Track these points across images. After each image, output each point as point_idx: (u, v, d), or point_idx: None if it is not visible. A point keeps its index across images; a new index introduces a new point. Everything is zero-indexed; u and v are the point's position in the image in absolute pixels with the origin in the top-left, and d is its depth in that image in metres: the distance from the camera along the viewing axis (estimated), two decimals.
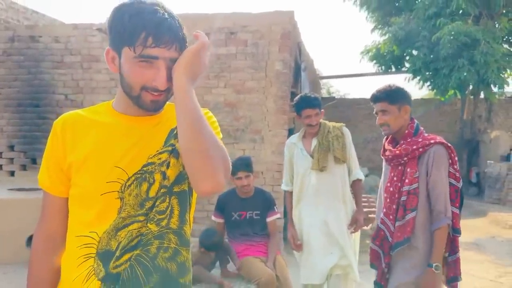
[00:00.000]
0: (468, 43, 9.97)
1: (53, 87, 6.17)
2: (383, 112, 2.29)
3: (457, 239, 2.23)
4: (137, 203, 1.11)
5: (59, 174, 1.15)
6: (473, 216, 9.02)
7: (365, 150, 14.73)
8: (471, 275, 5.00)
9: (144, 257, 1.11)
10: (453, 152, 2.23)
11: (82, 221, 1.12)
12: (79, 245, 1.11)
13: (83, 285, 1.10)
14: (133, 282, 1.10)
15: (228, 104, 5.74)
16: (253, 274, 3.02)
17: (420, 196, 2.19)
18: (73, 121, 1.16)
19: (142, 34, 1.03)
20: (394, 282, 2.25)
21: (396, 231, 2.21)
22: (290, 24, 5.64)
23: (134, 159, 1.11)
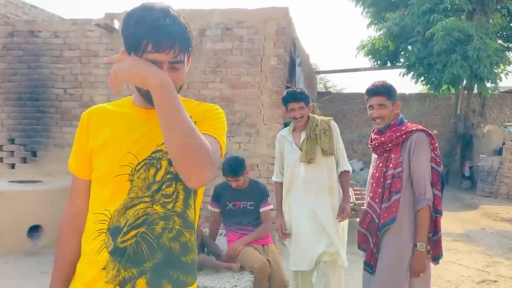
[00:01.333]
0: (461, 38, 10.08)
1: (52, 82, 6.26)
2: (380, 106, 2.44)
3: (439, 220, 2.39)
4: (145, 186, 1.25)
5: (84, 158, 1.32)
6: (465, 209, 9.19)
7: (360, 144, 14.90)
8: (459, 265, 5.17)
9: (149, 235, 1.24)
10: (433, 138, 2.40)
11: (99, 200, 1.28)
12: (95, 221, 1.27)
13: (95, 256, 1.24)
14: (138, 257, 1.24)
15: (224, 98, 5.85)
16: (247, 262, 3.14)
17: (404, 179, 2.35)
18: (97, 112, 1.34)
19: (143, 42, 1.15)
20: (385, 258, 2.40)
21: (382, 212, 2.39)
22: (285, 20, 5.74)
23: (144, 146, 1.26)
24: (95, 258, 1.24)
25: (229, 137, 5.84)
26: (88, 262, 1.26)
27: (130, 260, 1.23)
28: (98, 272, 1.23)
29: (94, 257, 1.24)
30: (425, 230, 2.30)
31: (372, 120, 2.51)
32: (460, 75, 10.44)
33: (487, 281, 4.58)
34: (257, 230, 3.35)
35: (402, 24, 11.41)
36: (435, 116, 14.90)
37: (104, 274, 1.22)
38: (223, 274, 3.11)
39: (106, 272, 1.23)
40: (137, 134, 1.27)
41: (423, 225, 2.30)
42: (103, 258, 1.23)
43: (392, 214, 2.34)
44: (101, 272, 1.23)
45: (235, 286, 2.90)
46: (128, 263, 1.23)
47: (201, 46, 5.71)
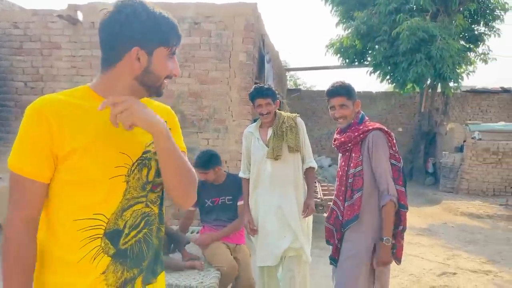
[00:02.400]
0: (425, 38, 10.35)
1: (11, 74, 6.02)
2: (341, 106, 2.49)
3: (403, 213, 2.43)
4: (139, 186, 1.26)
5: (49, 160, 1.16)
6: (428, 204, 9.48)
7: (329, 141, 15.08)
8: (421, 258, 5.32)
9: (149, 235, 1.30)
10: (390, 136, 2.46)
11: (83, 205, 1.18)
12: (80, 228, 1.18)
13: (90, 264, 1.19)
14: (139, 256, 1.27)
15: (192, 94, 5.79)
16: (216, 261, 3.11)
17: (365, 177, 2.42)
18: (64, 106, 1.17)
19: (174, 37, 1.25)
20: (343, 253, 2.49)
21: (346, 210, 2.46)
22: (254, 16, 5.72)
23: (135, 146, 1.25)
24: (90, 265, 1.19)
25: (197, 133, 5.79)
26: (79, 269, 1.19)
27: (132, 260, 1.26)
28: (96, 277, 1.20)
29: (88, 265, 1.19)
30: (390, 224, 2.35)
31: (334, 120, 2.56)
32: (424, 74, 10.74)
33: (447, 273, 4.74)
34: (228, 226, 3.31)
35: (369, 23, 11.62)
36: (400, 114, 15.29)
37: (104, 277, 1.21)
38: (188, 271, 3.07)
39: (106, 276, 1.21)
40: (124, 133, 1.23)
41: (388, 220, 2.35)
42: (103, 262, 1.21)
43: (355, 212, 2.41)
44: (100, 276, 1.20)
45: (201, 283, 2.86)
46: (131, 264, 1.26)
47: None
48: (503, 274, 4.76)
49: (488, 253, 5.61)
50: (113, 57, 1.22)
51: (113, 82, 1.24)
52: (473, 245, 6.09)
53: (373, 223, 2.41)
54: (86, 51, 5.83)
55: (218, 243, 3.23)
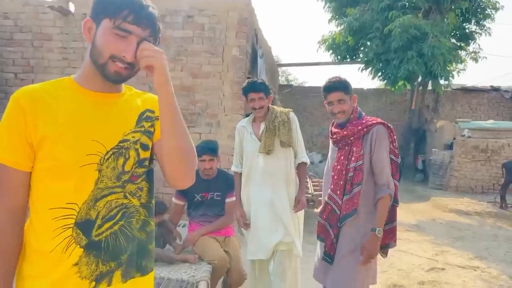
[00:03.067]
0: (417, 36, 10.43)
1: (2, 65, 5.92)
2: (339, 101, 2.48)
3: (395, 209, 2.48)
4: (114, 176, 1.22)
5: (26, 148, 1.15)
6: (418, 201, 9.58)
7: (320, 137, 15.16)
8: (410, 254, 5.38)
9: (127, 228, 1.25)
10: (392, 131, 2.47)
11: (56, 194, 1.16)
12: (54, 217, 1.16)
13: (62, 254, 1.16)
14: (116, 249, 1.23)
15: (184, 87, 5.76)
16: (207, 255, 3.11)
17: (364, 171, 2.41)
18: (39, 95, 1.17)
19: (125, 11, 1.16)
20: (342, 249, 2.46)
21: (344, 204, 2.43)
22: (247, 10, 5.70)
23: (110, 134, 1.21)
24: (62, 255, 1.16)
25: (189, 127, 5.70)
26: (51, 260, 1.16)
27: (108, 253, 1.22)
28: (68, 268, 1.17)
29: (60, 255, 1.16)
30: (384, 217, 2.37)
31: (333, 115, 2.54)
32: (415, 72, 10.83)
33: (436, 268, 4.80)
34: (216, 222, 3.32)
35: (362, 20, 11.67)
36: (391, 111, 15.40)
37: (76, 269, 1.18)
38: (180, 265, 3.08)
39: (79, 268, 1.18)
40: (99, 121, 1.21)
41: (384, 212, 2.36)
42: (75, 253, 1.17)
43: (354, 206, 2.39)
44: (73, 268, 1.17)
45: (193, 277, 2.87)
46: (107, 257, 1.22)
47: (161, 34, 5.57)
48: (491, 269, 4.84)
49: (476, 249, 5.70)
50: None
51: (85, 67, 1.24)
52: (461, 241, 6.18)
53: (370, 217, 2.41)
54: (78, 43, 5.78)
55: (206, 238, 3.23)
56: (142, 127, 1.29)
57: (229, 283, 3.26)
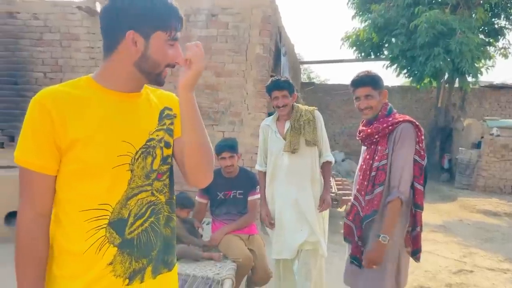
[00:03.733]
0: (444, 32, 10.18)
1: (31, 65, 6.09)
2: (367, 96, 2.36)
3: (419, 214, 2.33)
4: (144, 175, 1.24)
5: (53, 151, 1.15)
6: (443, 201, 9.37)
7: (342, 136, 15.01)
8: (436, 255, 5.27)
9: (156, 224, 1.28)
10: (420, 130, 2.32)
11: (88, 195, 1.17)
12: (87, 219, 1.17)
13: (96, 254, 1.18)
14: (147, 246, 1.26)
15: (208, 86, 5.80)
16: (231, 253, 3.12)
17: (388, 172, 2.28)
18: (64, 97, 1.16)
19: (173, 21, 1.21)
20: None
21: (365, 204, 2.33)
22: (271, 8, 5.69)
23: (138, 134, 1.23)
24: (95, 256, 1.18)
25: (212, 125, 5.80)
26: (85, 260, 1.18)
27: (140, 250, 1.24)
28: (103, 268, 1.19)
29: (94, 256, 1.18)
30: (391, 223, 2.21)
31: (360, 111, 2.44)
32: (442, 69, 10.58)
33: (464, 271, 4.69)
34: (239, 220, 3.33)
35: (386, 16, 11.47)
36: (416, 109, 15.10)
37: (111, 268, 1.20)
38: (205, 262, 3.10)
39: (113, 267, 1.20)
40: (126, 121, 1.22)
41: (391, 217, 2.21)
42: (109, 253, 1.20)
43: (374, 207, 2.28)
44: (107, 267, 1.19)
45: (217, 274, 2.89)
46: (139, 254, 1.24)
47: (185, 33, 5.61)
48: None
49: (506, 251, 5.54)
50: (112, 43, 1.21)
51: (114, 69, 1.23)
52: (490, 242, 6.02)
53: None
54: None
55: (230, 236, 3.24)
56: (164, 125, 1.31)
57: (255, 281, 3.27)
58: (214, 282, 2.80)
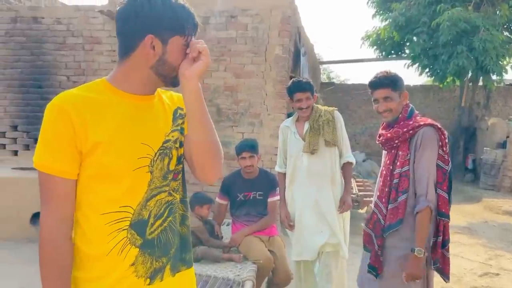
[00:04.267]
0: (467, 29, 9.97)
1: (55, 69, 6.23)
2: (385, 98, 2.26)
3: (442, 223, 2.22)
4: (161, 176, 1.26)
5: (75, 156, 1.14)
6: (468, 202, 9.17)
7: (363, 136, 14.85)
8: (461, 257, 5.16)
9: (173, 223, 1.30)
10: (443, 134, 2.21)
11: (108, 199, 1.18)
12: (107, 222, 1.18)
13: (118, 256, 1.19)
14: (166, 245, 1.28)
15: (228, 87, 5.82)
16: (251, 254, 3.12)
17: (411, 178, 2.18)
18: (82, 101, 1.15)
19: (190, 26, 1.21)
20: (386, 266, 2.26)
21: (389, 213, 2.22)
22: (290, 8, 5.67)
23: (155, 136, 1.24)
24: (118, 257, 1.19)
25: (232, 126, 5.82)
26: (107, 263, 1.19)
27: (160, 249, 1.26)
28: (126, 269, 1.20)
29: (116, 257, 1.19)
30: (423, 234, 2.12)
31: (379, 114, 2.33)
32: (465, 67, 10.36)
33: (490, 274, 4.58)
34: (259, 221, 3.33)
35: (408, 15, 11.31)
36: (439, 109, 14.82)
37: (133, 269, 1.21)
38: (225, 263, 3.11)
39: (135, 268, 1.21)
40: (144, 124, 1.23)
41: (422, 228, 2.11)
42: (131, 254, 1.21)
43: (399, 216, 2.17)
44: (130, 268, 1.21)
45: (238, 275, 2.89)
46: (159, 253, 1.26)
47: (204, 34, 5.65)
48: None
49: None
50: (128, 47, 1.20)
51: (130, 72, 1.22)
52: None
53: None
54: None
55: (251, 237, 3.24)
56: (178, 125, 1.32)
57: (275, 283, 3.27)
58: (235, 284, 2.80)
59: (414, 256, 2.11)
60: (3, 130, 6.43)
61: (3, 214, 4.80)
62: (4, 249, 4.58)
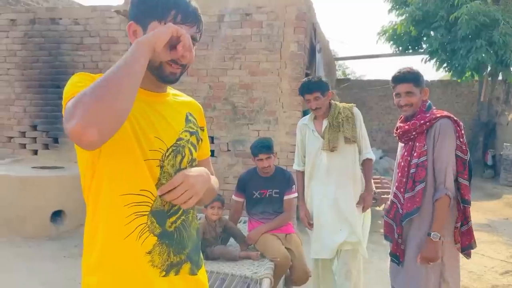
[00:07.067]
0: (487, 23, 9.75)
1: (73, 69, 6.31)
2: (408, 93, 2.36)
3: (468, 209, 2.31)
4: (173, 173, 1.23)
5: None
6: (488, 198, 9.00)
7: (380, 132, 14.68)
8: (481, 255, 5.06)
9: (187, 223, 1.29)
10: (459, 125, 2.29)
11: (129, 179, 1.15)
12: (127, 204, 1.15)
13: (136, 241, 1.16)
14: (182, 242, 1.27)
15: (243, 85, 5.81)
16: (268, 252, 3.12)
17: (428, 169, 2.28)
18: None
19: (172, 11, 1.14)
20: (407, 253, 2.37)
21: (406, 202, 2.32)
22: (306, 4, 5.63)
23: (169, 132, 1.23)
24: (135, 242, 1.16)
25: (247, 124, 5.82)
26: (124, 249, 1.16)
27: (178, 245, 1.25)
28: (142, 256, 1.17)
29: (134, 242, 1.16)
30: (441, 220, 2.23)
31: (399, 107, 2.44)
32: (485, 61, 10.14)
33: (511, 272, 4.48)
34: (275, 220, 3.32)
35: (425, 9, 11.10)
36: (457, 104, 14.56)
37: (149, 258, 1.19)
38: (243, 261, 3.11)
39: (151, 257, 1.19)
40: (158, 119, 1.22)
41: (440, 215, 2.23)
42: (149, 241, 1.18)
43: (416, 204, 2.28)
44: (146, 256, 1.18)
45: (255, 273, 2.89)
46: (178, 248, 1.24)
47: (219, 33, 5.66)
48: None
49: None
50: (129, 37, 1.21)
51: None
52: None
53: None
54: None
55: (267, 235, 3.24)
56: (191, 128, 1.32)
57: (293, 281, 3.26)
58: (253, 281, 2.80)
59: (429, 240, 2.23)
60: (23, 130, 6.56)
61: (23, 213, 4.89)
62: (25, 247, 4.67)
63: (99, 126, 0.93)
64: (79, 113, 0.92)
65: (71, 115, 0.93)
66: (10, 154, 6.52)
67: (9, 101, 6.57)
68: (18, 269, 4.05)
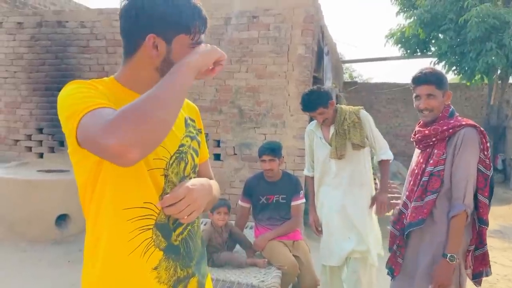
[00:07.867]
0: (497, 25, 9.64)
1: (79, 72, 6.29)
2: (429, 96, 2.14)
3: (484, 231, 2.10)
4: (177, 181, 1.18)
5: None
6: (498, 204, 8.85)
7: (388, 136, 14.51)
8: (493, 263, 4.92)
9: (193, 233, 1.25)
10: (485, 137, 2.09)
11: (132, 192, 1.10)
12: (130, 218, 1.10)
13: (141, 258, 1.11)
14: (188, 255, 1.21)
15: (250, 88, 5.75)
16: (275, 259, 3.06)
17: (445, 180, 2.07)
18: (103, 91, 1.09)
19: (197, 23, 1.14)
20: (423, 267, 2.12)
21: (411, 211, 2.11)
22: (314, 7, 5.57)
23: (171, 139, 1.17)
24: (140, 259, 1.11)
25: (254, 128, 5.75)
26: (129, 263, 1.10)
27: (185, 258, 1.20)
28: (148, 272, 1.12)
29: (139, 259, 1.11)
30: (458, 239, 2.01)
31: (418, 111, 2.21)
32: (495, 64, 10.02)
33: None
34: (282, 226, 3.25)
35: (433, 11, 11.00)
36: (466, 107, 14.39)
37: (156, 274, 1.13)
38: (249, 269, 3.05)
39: (158, 272, 1.13)
40: None
41: (457, 233, 2.00)
42: (155, 257, 1.13)
43: (422, 216, 2.06)
44: (152, 272, 1.13)
45: (262, 282, 2.82)
46: (184, 262, 1.19)
47: (226, 35, 5.61)
48: None
49: None
50: (132, 47, 1.14)
51: (134, 72, 1.16)
52: None
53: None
54: None
55: (274, 242, 3.17)
56: (191, 133, 1.27)
57: None
58: None
59: (445, 262, 1.99)
60: (29, 132, 6.55)
61: (28, 216, 4.86)
62: (30, 251, 4.63)
63: (144, 146, 0.92)
64: (122, 133, 0.89)
65: (110, 132, 0.89)
66: (16, 157, 6.50)
67: (15, 104, 6.56)
68: (22, 273, 4.02)
